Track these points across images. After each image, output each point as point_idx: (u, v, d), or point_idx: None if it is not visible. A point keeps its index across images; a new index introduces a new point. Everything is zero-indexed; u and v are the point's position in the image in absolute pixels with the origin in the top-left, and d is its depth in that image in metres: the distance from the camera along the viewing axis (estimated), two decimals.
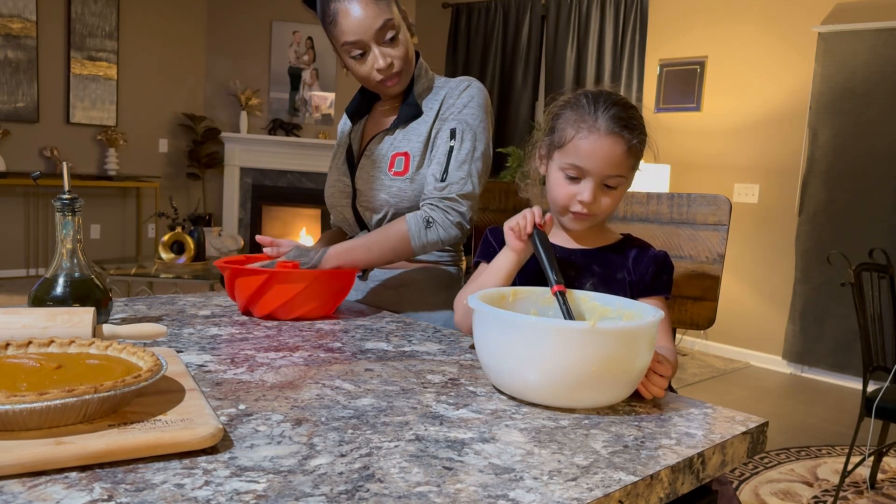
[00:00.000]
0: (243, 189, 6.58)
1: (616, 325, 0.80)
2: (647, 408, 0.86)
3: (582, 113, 1.06)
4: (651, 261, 1.10)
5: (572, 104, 1.08)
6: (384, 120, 1.49)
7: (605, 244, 1.14)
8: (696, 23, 4.76)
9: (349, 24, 1.30)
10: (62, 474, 0.58)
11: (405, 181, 1.38)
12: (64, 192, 0.99)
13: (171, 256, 4.07)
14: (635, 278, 1.10)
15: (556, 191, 1.09)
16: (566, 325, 0.82)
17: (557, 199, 1.09)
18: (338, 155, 1.55)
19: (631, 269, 1.11)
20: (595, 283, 1.11)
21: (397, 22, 1.32)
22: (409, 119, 1.41)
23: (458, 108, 1.37)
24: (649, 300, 1.08)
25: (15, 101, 5.67)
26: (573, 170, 1.06)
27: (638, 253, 1.12)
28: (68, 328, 0.86)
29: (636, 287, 1.09)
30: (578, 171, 1.06)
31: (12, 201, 5.76)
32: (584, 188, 1.06)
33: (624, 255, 1.12)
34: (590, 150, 1.04)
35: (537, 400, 0.82)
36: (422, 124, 1.41)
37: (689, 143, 4.78)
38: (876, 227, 3.99)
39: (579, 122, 1.05)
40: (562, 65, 5.41)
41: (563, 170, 1.07)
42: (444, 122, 1.38)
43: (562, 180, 1.08)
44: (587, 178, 1.06)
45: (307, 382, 0.87)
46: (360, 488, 0.59)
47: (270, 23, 6.43)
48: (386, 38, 1.31)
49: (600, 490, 0.61)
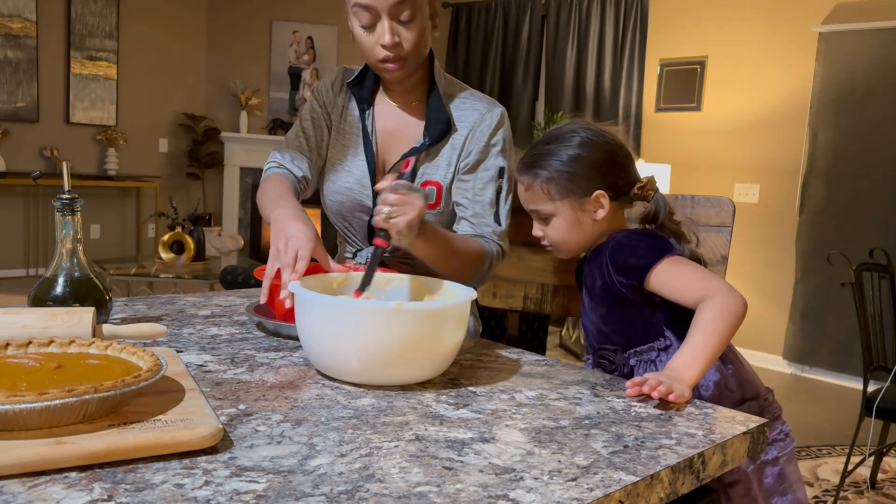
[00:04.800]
0: (243, 189, 6.57)
1: (421, 305, 0.87)
2: (647, 408, 0.86)
3: None
4: (611, 254, 1.11)
5: None
6: (401, 122, 1.34)
7: (589, 254, 1.19)
8: (696, 22, 4.76)
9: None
10: (62, 474, 0.58)
11: (437, 215, 1.31)
12: (64, 192, 0.99)
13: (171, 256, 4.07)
14: (608, 279, 1.11)
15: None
16: (374, 305, 0.86)
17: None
18: (347, 147, 1.36)
19: (599, 273, 1.13)
20: (592, 293, 1.16)
21: (420, 4, 1.20)
22: (440, 137, 1.30)
23: (502, 144, 1.32)
24: (654, 279, 1.06)
25: (15, 101, 5.67)
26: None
27: (595, 258, 1.15)
28: (68, 328, 0.86)
29: (614, 286, 1.10)
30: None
31: (12, 201, 5.76)
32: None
33: (592, 266, 1.16)
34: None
35: (353, 379, 0.86)
36: (448, 149, 1.31)
37: (689, 143, 4.78)
38: (876, 227, 3.99)
39: None
40: (562, 65, 5.41)
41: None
42: (484, 154, 1.30)
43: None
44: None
45: (307, 382, 0.87)
46: (360, 488, 0.59)
47: (270, 23, 6.43)
48: (402, 15, 1.18)
49: (600, 490, 0.61)
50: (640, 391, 0.87)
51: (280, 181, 1.28)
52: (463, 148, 1.31)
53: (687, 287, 1.03)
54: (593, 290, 1.15)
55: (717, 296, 0.99)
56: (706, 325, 0.97)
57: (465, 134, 1.31)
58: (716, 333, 0.96)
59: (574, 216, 1.14)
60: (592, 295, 1.16)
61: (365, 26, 1.20)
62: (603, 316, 1.15)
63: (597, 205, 1.13)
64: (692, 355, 0.94)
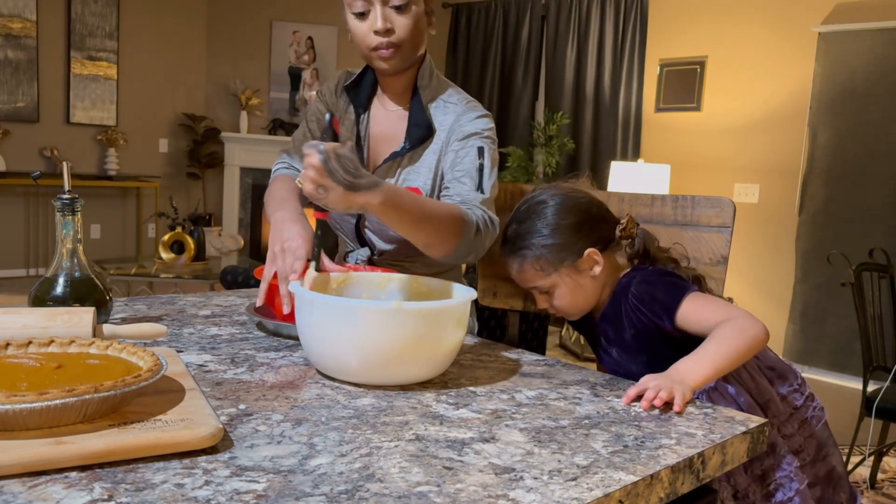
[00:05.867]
0: (243, 189, 6.57)
1: (421, 305, 0.86)
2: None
3: None
4: (636, 302, 1.11)
5: None
6: (391, 129, 1.35)
7: (601, 311, 1.19)
8: (696, 23, 4.76)
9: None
10: (62, 474, 0.58)
11: None
12: (64, 192, 0.99)
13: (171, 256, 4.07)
14: (641, 326, 1.11)
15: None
16: (374, 305, 0.86)
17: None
18: None
19: (629, 323, 1.13)
20: (624, 345, 1.16)
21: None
22: (420, 141, 1.30)
23: (480, 127, 1.27)
24: (680, 317, 1.08)
25: (15, 101, 5.67)
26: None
27: (619, 305, 1.14)
28: (68, 328, 0.86)
29: (650, 329, 1.11)
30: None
31: (12, 201, 5.76)
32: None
33: (620, 313, 1.15)
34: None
35: (353, 379, 0.86)
36: (430, 154, 1.30)
37: (689, 143, 4.78)
38: (876, 227, 3.99)
39: None
40: (562, 65, 5.41)
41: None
42: (462, 143, 1.27)
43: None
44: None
45: (307, 382, 0.87)
46: (360, 488, 0.59)
47: (270, 23, 6.43)
48: (393, 1, 1.19)
49: (600, 490, 0.61)
50: (641, 403, 0.87)
51: (286, 183, 1.29)
52: (442, 151, 1.30)
53: (712, 317, 1.05)
54: (624, 342, 1.15)
55: (738, 318, 1.02)
56: (720, 338, 0.98)
57: (443, 138, 1.30)
58: (728, 347, 0.96)
59: (573, 281, 1.15)
60: (625, 347, 1.16)
61: (357, 13, 1.21)
62: (646, 363, 1.14)
63: (591, 262, 1.15)
64: (699, 360, 0.94)
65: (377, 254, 1.37)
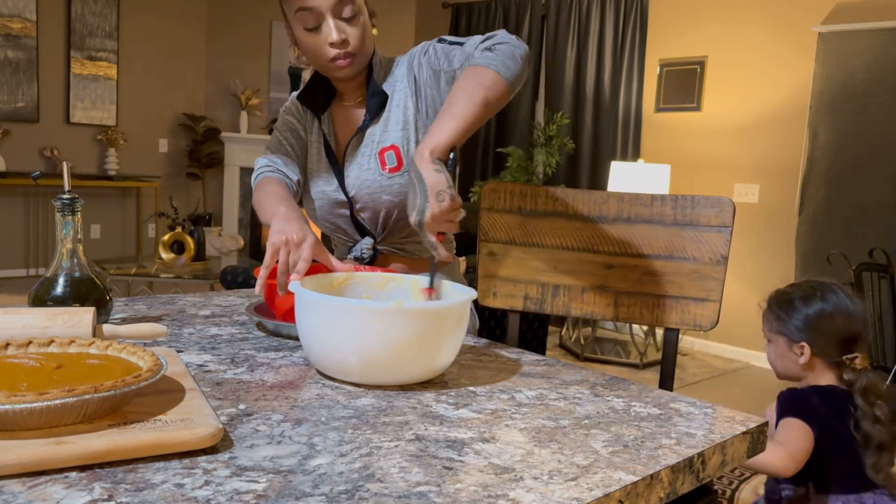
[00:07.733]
0: (243, 189, 6.57)
1: (421, 305, 0.86)
2: (647, 407, 0.86)
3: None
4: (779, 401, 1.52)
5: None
6: (353, 116, 1.40)
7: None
8: (696, 23, 4.76)
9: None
10: (62, 474, 0.58)
11: (403, 176, 1.33)
12: (64, 192, 0.99)
13: (171, 256, 4.07)
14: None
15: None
16: (374, 305, 0.86)
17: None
18: (313, 155, 1.41)
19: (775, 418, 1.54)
20: None
21: (359, 3, 1.27)
22: (379, 108, 1.34)
23: (428, 43, 1.34)
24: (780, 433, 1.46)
25: (15, 101, 5.67)
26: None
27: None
28: (68, 328, 0.86)
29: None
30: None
31: (12, 201, 5.77)
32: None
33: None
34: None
35: (353, 379, 0.86)
36: (394, 110, 1.34)
37: (689, 143, 4.78)
38: (876, 227, 3.99)
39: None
40: (562, 65, 5.41)
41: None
42: (426, 57, 1.33)
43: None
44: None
45: (307, 382, 0.87)
46: (360, 488, 0.59)
47: (270, 23, 6.43)
48: (344, 13, 1.24)
49: (600, 490, 0.61)
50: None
51: (278, 185, 1.30)
52: (410, 91, 1.34)
53: (777, 436, 1.45)
54: None
55: (768, 456, 1.40)
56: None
57: (406, 83, 1.35)
58: None
59: (781, 351, 1.60)
60: None
61: (309, 28, 1.26)
62: None
63: (799, 350, 1.54)
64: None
65: (379, 238, 1.39)
